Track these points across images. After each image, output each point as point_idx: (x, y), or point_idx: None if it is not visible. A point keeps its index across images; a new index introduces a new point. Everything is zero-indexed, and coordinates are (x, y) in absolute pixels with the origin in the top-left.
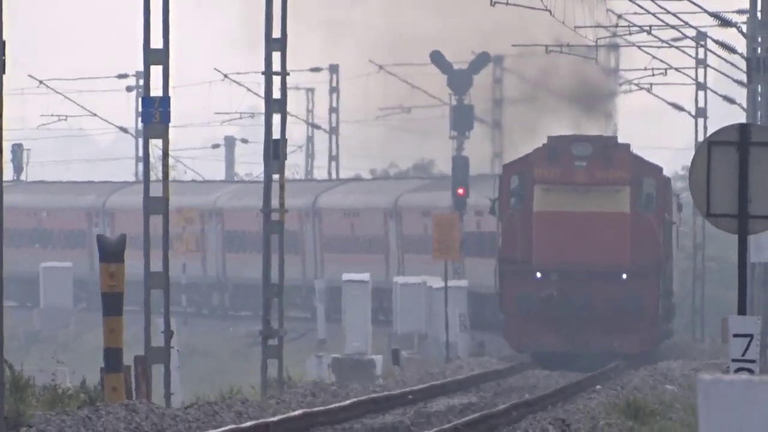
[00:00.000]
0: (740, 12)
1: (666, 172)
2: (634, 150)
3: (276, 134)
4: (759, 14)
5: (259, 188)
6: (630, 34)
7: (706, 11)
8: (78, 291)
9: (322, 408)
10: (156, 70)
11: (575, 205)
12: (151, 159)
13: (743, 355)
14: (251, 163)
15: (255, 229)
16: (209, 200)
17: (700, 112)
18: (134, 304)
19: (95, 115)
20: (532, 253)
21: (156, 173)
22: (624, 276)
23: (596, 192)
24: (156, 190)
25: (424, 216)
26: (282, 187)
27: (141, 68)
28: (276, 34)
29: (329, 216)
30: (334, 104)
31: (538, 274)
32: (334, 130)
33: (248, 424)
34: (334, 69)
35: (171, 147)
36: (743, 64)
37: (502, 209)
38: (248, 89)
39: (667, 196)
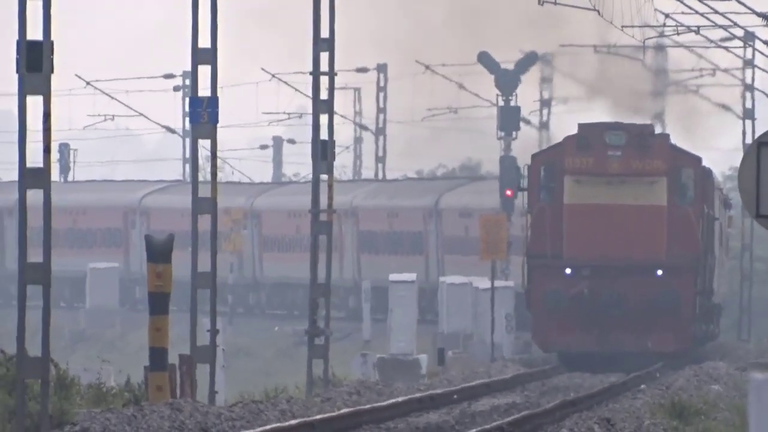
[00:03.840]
0: None
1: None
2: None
3: (324, 135)
4: None
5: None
6: (678, 34)
7: (754, 11)
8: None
9: (367, 407)
10: (204, 70)
11: (608, 197)
12: (199, 160)
13: None
14: (299, 164)
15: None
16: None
17: (748, 113)
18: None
19: (142, 115)
20: (562, 248)
21: (204, 174)
22: (659, 272)
23: (631, 183)
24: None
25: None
26: (330, 188)
27: (188, 68)
28: (324, 34)
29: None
30: (381, 104)
31: (568, 271)
32: (380, 131)
33: (293, 422)
34: (381, 69)
35: (218, 147)
36: None
37: (530, 202)
38: (296, 89)
39: (708, 188)
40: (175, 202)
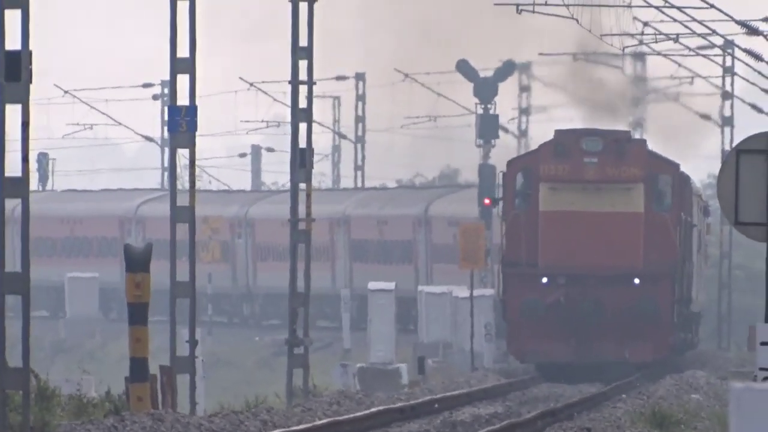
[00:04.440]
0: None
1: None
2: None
3: (302, 143)
4: None
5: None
6: (656, 42)
7: (733, 19)
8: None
9: (347, 417)
10: (182, 79)
11: (584, 204)
12: (177, 168)
13: None
14: (277, 172)
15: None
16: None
17: (727, 121)
18: (161, 314)
19: (121, 124)
20: (538, 256)
21: (182, 182)
22: (636, 280)
23: (607, 190)
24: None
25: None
26: (309, 196)
27: (167, 77)
28: (303, 42)
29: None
30: (360, 113)
31: (544, 279)
32: (359, 139)
33: None
34: (360, 77)
35: (197, 156)
36: None
37: (505, 209)
38: (274, 99)
39: (686, 194)
40: (158, 211)
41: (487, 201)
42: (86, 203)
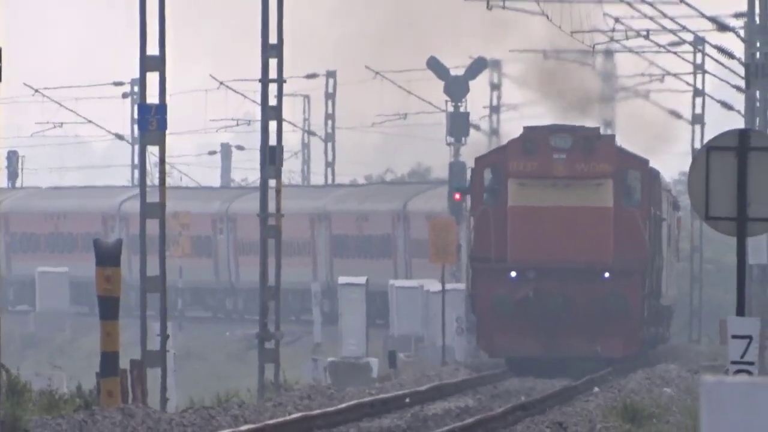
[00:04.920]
0: (738, 16)
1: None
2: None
3: (272, 141)
4: (757, 18)
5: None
6: (627, 38)
7: (704, 15)
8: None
9: (319, 411)
10: (152, 77)
11: (553, 199)
12: (147, 166)
13: (742, 356)
14: (247, 169)
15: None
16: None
17: (697, 119)
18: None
19: (91, 122)
20: (507, 251)
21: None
22: (606, 275)
23: (576, 186)
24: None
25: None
26: (279, 193)
27: (137, 75)
28: (273, 40)
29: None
30: (330, 111)
31: (513, 274)
32: (330, 137)
33: (245, 427)
34: (330, 75)
35: (167, 154)
36: (741, 70)
37: (474, 205)
38: (244, 96)
39: (655, 189)
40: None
41: (457, 196)
42: (68, 200)
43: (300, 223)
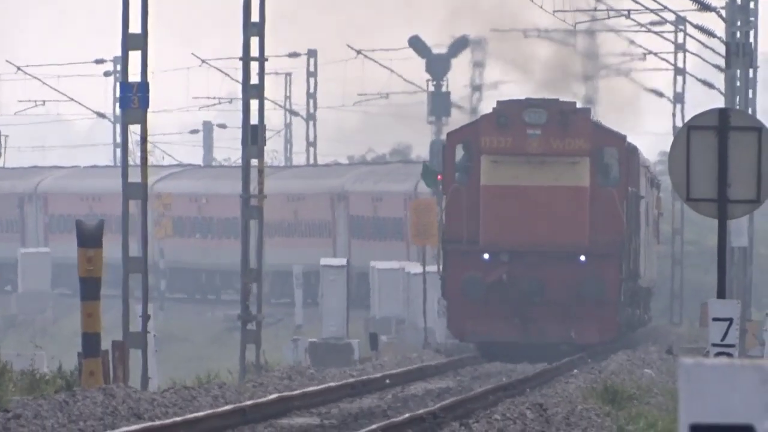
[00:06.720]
0: None
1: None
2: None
3: (254, 120)
4: None
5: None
6: (608, 18)
7: None
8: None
9: (299, 392)
10: (134, 56)
11: (527, 178)
12: (129, 144)
13: (723, 339)
14: (229, 148)
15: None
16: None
17: (678, 98)
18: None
19: (73, 100)
20: (479, 233)
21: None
22: (582, 258)
23: (551, 164)
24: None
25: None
26: (261, 173)
27: (119, 54)
28: (255, 18)
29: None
30: (312, 90)
31: (486, 256)
32: (311, 116)
33: (225, 408)
34: (312, 54)
35: (149, 132)
36: (722, 49)
37: (445, 183)
38: (226, 74)
39: (633, 167)
40: (171, 188)
41: (439, 177)
42: (97, 180)
43: (321, 203)
